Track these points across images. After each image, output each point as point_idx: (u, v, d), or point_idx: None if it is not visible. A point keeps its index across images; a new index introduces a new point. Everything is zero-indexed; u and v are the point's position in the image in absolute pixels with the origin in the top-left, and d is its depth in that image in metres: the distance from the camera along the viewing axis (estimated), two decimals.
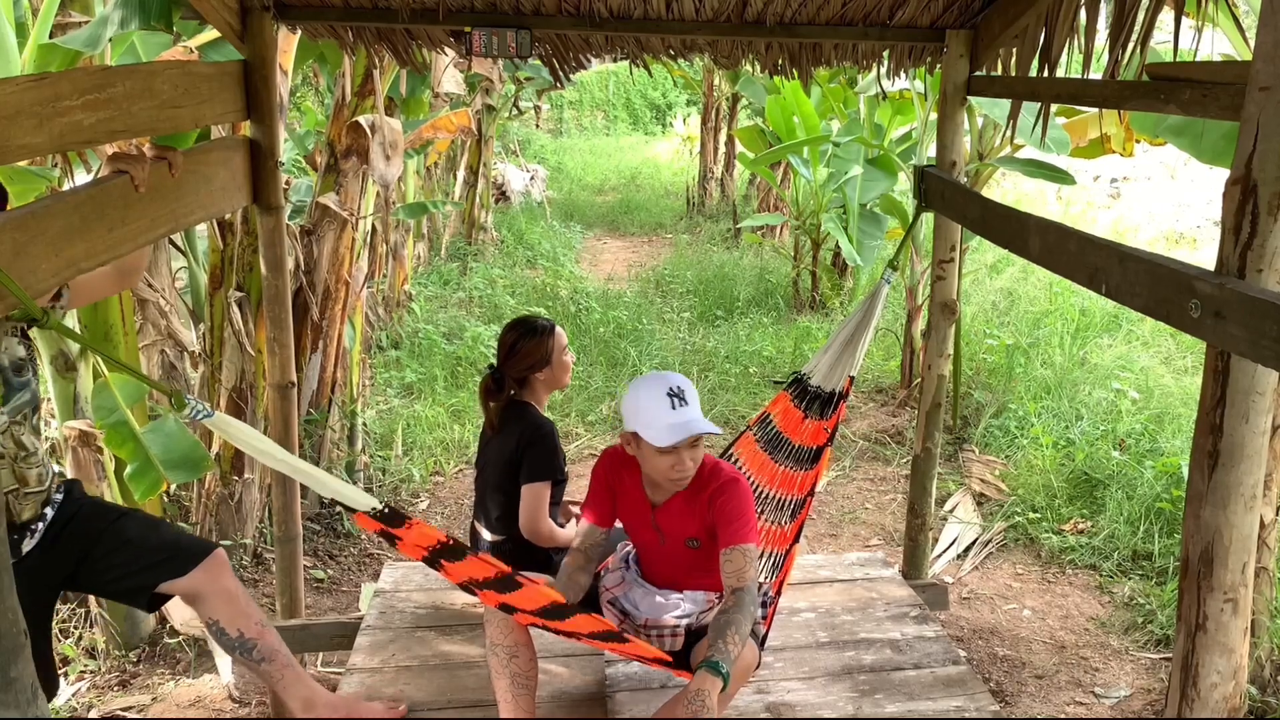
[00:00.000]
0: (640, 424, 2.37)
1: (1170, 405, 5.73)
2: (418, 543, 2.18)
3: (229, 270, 4.30)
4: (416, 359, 7.04)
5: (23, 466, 2.19)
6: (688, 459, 2.39)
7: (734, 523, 2.42)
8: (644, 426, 2.36)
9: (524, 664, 2.45)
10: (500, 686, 2.45)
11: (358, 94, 4.91)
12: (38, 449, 2.24)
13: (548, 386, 3.03)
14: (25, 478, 2.19)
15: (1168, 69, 2.15)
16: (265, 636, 2.50)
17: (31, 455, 2.21)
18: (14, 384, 2.17)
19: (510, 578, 2.20)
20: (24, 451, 2.19)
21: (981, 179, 6.17)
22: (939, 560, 4.61)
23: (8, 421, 2.14)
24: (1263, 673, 3.45)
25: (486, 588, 2.24)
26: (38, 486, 2.24)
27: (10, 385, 2.16)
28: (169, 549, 2.42)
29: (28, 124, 1.74)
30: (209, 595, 2.43)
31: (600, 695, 2.84)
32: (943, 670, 2.96)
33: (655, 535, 2.55)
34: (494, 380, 2.98)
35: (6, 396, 2.15)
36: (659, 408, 2.35)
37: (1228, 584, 1.80)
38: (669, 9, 3.03)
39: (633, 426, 2.40)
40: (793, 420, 3.18)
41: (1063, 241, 2.24)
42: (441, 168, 10.32)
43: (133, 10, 2.72)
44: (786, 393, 3.23)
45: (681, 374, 2.49)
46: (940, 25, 3.17)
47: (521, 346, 2.95)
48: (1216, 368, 1.75)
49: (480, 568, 2.21)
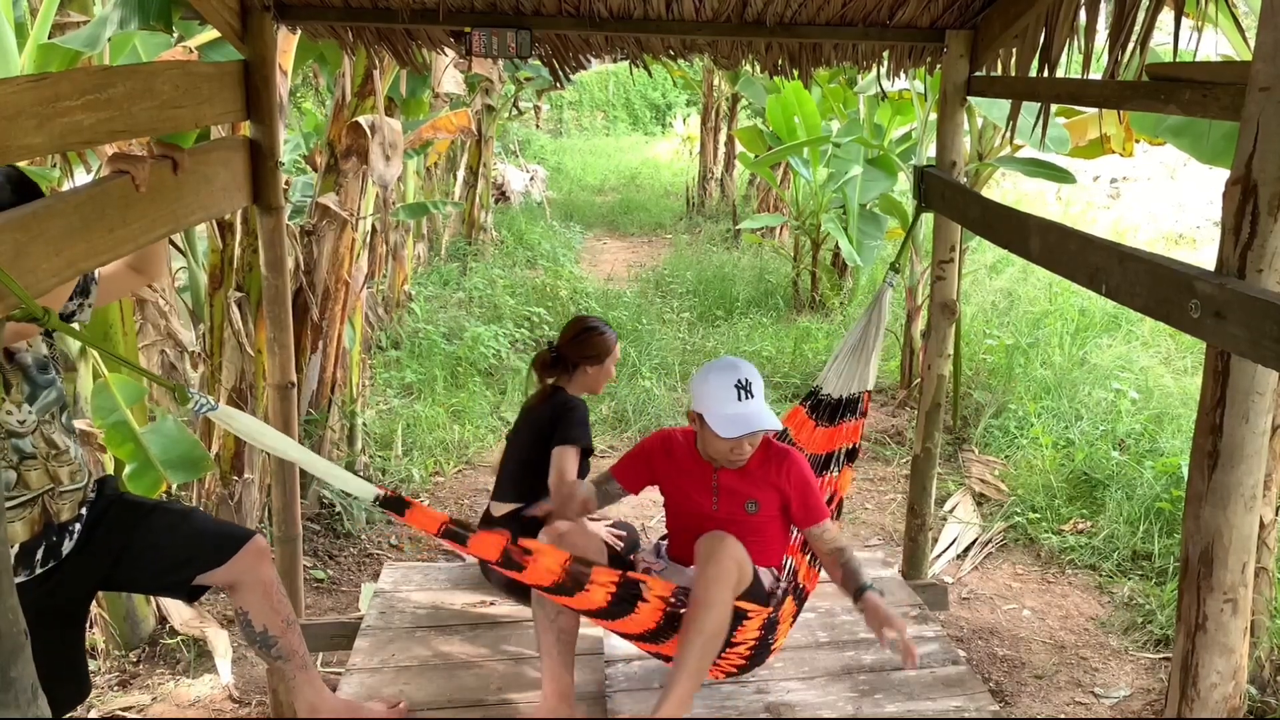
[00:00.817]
0: (706, 408, 2.53)
1: (1170, 405, 5.73)
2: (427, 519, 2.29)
3: (229, 270, 4.30)
4: (416, 359, 7.04)
5: (55, 465, 2.18)
6: (746, 445, 2.55)
7: (809, 498, 2.65)
8: (709, 412, 2.52)
9: (569, 620, 2.58)
10: (546, 641, 2.58)
11: (358, 94, 4.91)
12: (69, 446, 2.22)
13: (587, 384, 3.24)
14: (58, 476, 2.18)
15: (1168, 69, 2.15)
16: (288, 635, 2.50)
17: (63, 453, 2.20)
18: (39, 382, 2.16)
19: (513, 555, 2.30)
20: (55, 450, 2.18)
21: (981, 179, 6.17)
22: (939, 560, 4.61)
23: (37, 421, 2.13)
24: (1262, 673, 3.44)
25: (508, 567, 2.32)
26: (73, 484, 2.22)
27: (36, 383, 2.15)
28: (205, 539, 2.41)
29: (28, 124, 1.74)
30: (246, 585, 2.42)
31: (600, 695, 2.84)
32: (942, 670, 2.96)
33: (711, 499, 2.64)
34: (551, 357, 3.23)
35: (34, 395, 2.15)
36: (726, 397, 2.50)
37: (1227, 584, 1.80)
38: (669, 9, 3.03)
39: (699, 409, 2.55)
40: (805, 430, 3.18)
41: (1063, 241, 2.24)
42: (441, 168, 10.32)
43: (131, 10, 2.72)
44: (801, 407, 3.23)
45: (748, 363, 2.62)
46: (940, 25, 3.17)
47: (587, 337, 3.21)
48: (1216, 368, 1.75)
49: (492, 541, 2.31)
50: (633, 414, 6.25)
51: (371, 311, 7.14)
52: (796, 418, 3.22)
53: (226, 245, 4.28)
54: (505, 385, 6.75)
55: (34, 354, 2.16)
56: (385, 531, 4.84)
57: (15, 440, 2.09)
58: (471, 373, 6.83)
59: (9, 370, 2.11)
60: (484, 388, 6.66)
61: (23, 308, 1.64)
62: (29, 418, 2.12)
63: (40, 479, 2.14)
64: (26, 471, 2.12)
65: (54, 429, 2.19)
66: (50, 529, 2.17)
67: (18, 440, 2.10)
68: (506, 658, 3.02)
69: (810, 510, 2.66)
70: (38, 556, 2.15)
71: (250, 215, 4.13)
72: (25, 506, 2.12)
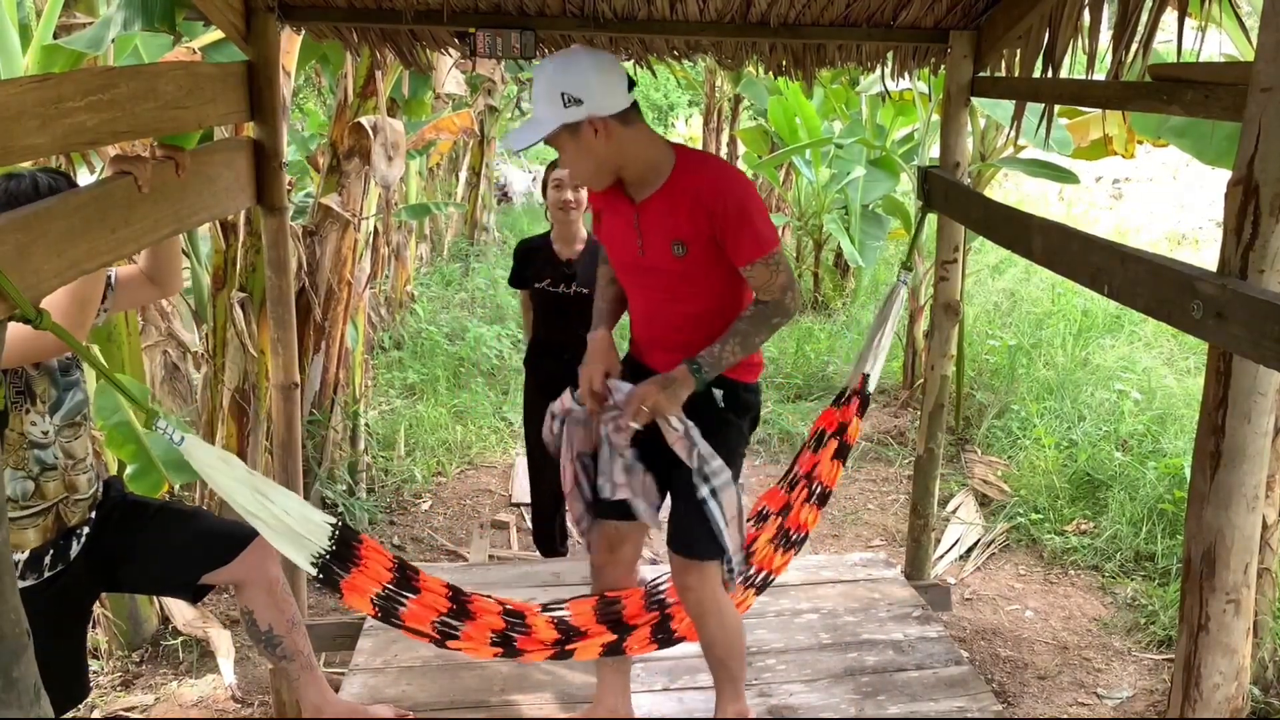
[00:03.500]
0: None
1: (1172, 406, 5.72)
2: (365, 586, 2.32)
3: (232, 271, 4.30)
4: (419, 360, 7.04)
5: (73, 475, 2.18)
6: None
7: (742, 232, 2.18)
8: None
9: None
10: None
11: (360, 95, 4.91)
12: (87, 454, 2.21)
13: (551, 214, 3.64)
14: (75, 484, 2.18)
15: (1170, 70, 2.15)
16: (293, 635, 2.51)
17: (81, 461, 2.19)
18: (63, 384, 2.15)
19: (462, 605, 2.45)
20: (74, 460, 2.18)
21: (984, 180, 6.17)
22: (941, 561, 4.60)
23: (57, 430, 2.12)
24: (1265, 674, 3.44)
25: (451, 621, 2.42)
26: (87, 491, 2.22)
27: (60, 386, 2.14)
28: (210, 538, 2.40)
29: (31, 125, 1.74)
30: (251, 583, 2.42)
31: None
32: (945, 671, 2.96)
33: (636, 241, 2.29)
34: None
35: (60, 401, 2.13)
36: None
37: (1230, 585, 1.79)
38: (673, 10, 3.03)
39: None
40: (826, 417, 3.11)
41: (1065, 242, 2.24)
42: (444, 169, 10.34)
43: (135, 11, 2.73)
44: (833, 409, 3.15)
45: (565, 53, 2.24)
46: (944, 26, 3.17)
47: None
48: (1219, 369, 1.75)
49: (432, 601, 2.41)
50: None
51: (374, 312, 7.15)
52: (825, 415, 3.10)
53: (229, 246, 4.28)
54: (508, 386, 6.75)
55: (58, 357, 2.16)
56: (387, 532, 4.84)
57: (38, 451, 2.09)
58: (474, 373, 6.83)
59: (35, 377, 2.10)
60: (486, 388, 6.66)
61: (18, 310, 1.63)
62: (51, 428, 2.11)
63: (57, 489, 2.14)
64: (45, 483, 2.12)
65: (74, 437, 2.17)
66: (60, 535, 2.17)
67: (40, 451, 2.09)
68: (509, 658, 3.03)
69: (740, 244, 2.19)
70: (46, 561, 2.15)
71: (254, 216, 4.14)
72: (39, 515, 2.12)
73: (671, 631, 2.59)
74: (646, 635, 2.58)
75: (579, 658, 2.51)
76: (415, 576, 2.47)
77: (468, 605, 2.49)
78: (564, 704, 2.82)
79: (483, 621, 2.47)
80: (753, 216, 2.20)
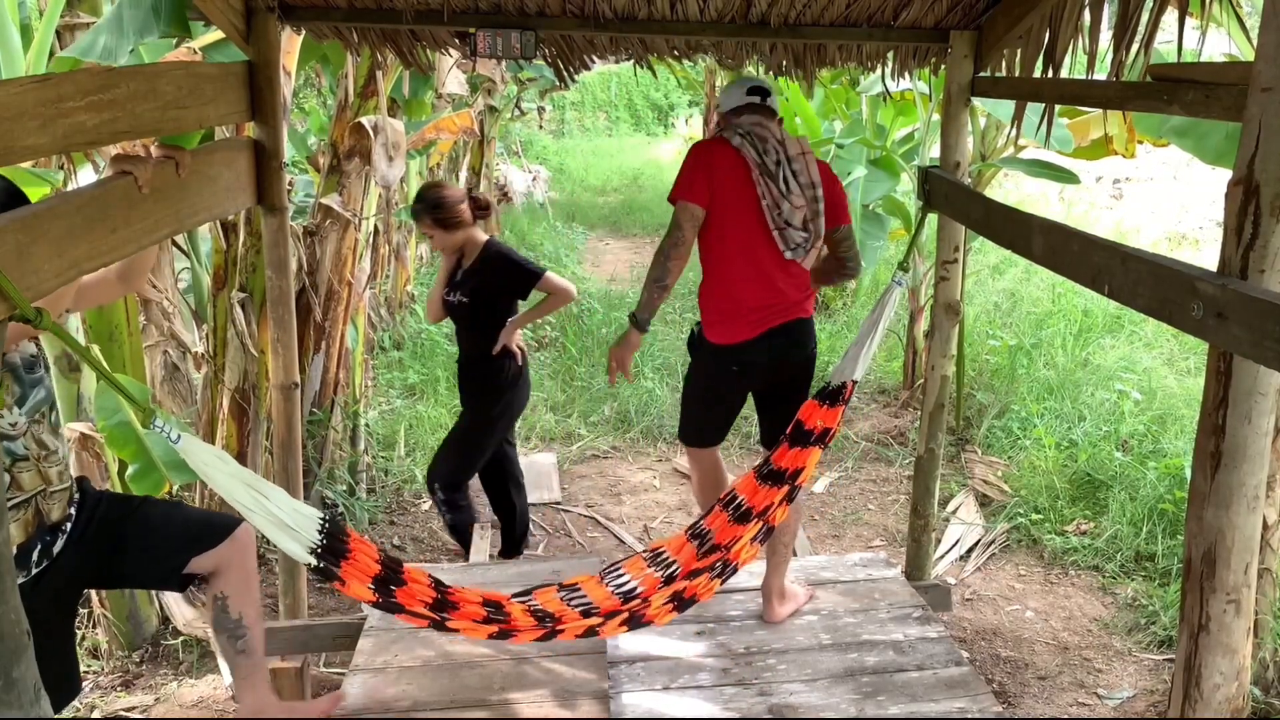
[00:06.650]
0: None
1: (1173, 406, 5.72)
2: (360, 576, 2.39)
3: (232, 271, 4.30)
4: (419, 360, 7.04)
5: (45, 466, 2.18)
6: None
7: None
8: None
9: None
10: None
11: (360, 95, 4.91)
12: (58, 446, 2.23)
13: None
14: (49, 476, 2.19)
15: (1171, 70, 2.15)
16: (255, 630, 2.51)
17: (53, 454, 2.21)
18: (28, 381, 2.16)
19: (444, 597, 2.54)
20: (45, 450, 2.18)
21: (984, 180, 6.16)
22: (942, 561, 4.60)
23: (27, 422, 2.14)
24: (1266, 674, 3.44)
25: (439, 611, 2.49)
26: (61, 484, 2.23)
27: (24, 383, 2.16)
28: (194, 525, 2.43)
29: (31, 125, 1.74)
30: (230, 569, 2.43)
31: (603, 694, 2.84)
32: (945, 672, 2.96)
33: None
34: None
35: (24, 396, 2.15)
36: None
37: (1230, 585, 1.80)
38: (673, 10, 3.03)
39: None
40: (811, 413, 3.14)
41: (1066, 242, 2.24)
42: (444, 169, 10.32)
43: (146, 17, 2.73)
44: (814, 401, 3.19)
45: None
46: (944, 26, 3.17)
47: None
48: (1219, 369, 1.75)
49: (419, 591, 2.49)
50: (635, 415, 6.25)
51: (374, 312, 7.15)
52: (808, 409, 3.17)
53: (230, 246, 4.28)
54: None
55: (22, 354, 2.16)
56: (388, 532, 4.84)
57: (7, 443, 2.10)
58: None
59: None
60: None
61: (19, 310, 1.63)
62: (20, 420, 2.12)
63: (33, 480, 2.15)
64: (19, 474, 2.13)
65: (43, 429, 2.19)
66: (43, 530, 2.18)
67: (9, 443, 2.10)
68: (509, 657, 3.03)
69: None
70: (33, 558, 2.16)
71: (254, 216, 4.14)
72: (19, 508, 2.13)
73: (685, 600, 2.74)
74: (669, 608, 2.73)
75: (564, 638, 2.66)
76: (399, 568, 2.53)
77: (449, 597, 2.57)
78: (562, 703, 2.82)
79: (465, 611, 2.56)
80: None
